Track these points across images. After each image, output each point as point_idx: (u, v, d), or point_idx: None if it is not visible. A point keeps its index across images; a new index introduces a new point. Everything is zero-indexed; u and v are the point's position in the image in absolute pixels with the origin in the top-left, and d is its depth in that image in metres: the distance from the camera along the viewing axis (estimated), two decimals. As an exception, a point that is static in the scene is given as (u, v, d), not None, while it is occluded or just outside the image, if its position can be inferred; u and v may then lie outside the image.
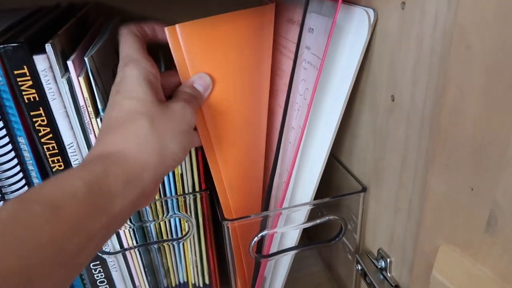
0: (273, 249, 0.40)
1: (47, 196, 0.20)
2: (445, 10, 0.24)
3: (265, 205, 0.38)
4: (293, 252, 0.40)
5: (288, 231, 0.39)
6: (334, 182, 0.44)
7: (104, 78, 0.33)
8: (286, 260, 0.42)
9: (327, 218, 0.38)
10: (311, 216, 0.38)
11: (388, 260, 0.36)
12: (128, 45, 0.30)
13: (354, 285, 0.44)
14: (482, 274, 0.24)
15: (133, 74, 0.28)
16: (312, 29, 0.35)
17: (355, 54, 0.33)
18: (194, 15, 0.51)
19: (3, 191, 0.34)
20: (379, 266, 0.37)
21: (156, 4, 0.51)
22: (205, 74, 0.32)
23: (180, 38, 0.29)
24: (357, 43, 0.32)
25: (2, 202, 0.34)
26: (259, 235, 0.36)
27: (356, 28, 0.32)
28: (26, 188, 0.35)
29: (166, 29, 0.29)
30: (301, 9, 0.37)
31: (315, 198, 0.38)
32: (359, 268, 0.39)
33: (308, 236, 0.53)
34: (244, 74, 0.35)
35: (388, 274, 0.36)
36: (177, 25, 0.29)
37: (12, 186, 0.34)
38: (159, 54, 0.45)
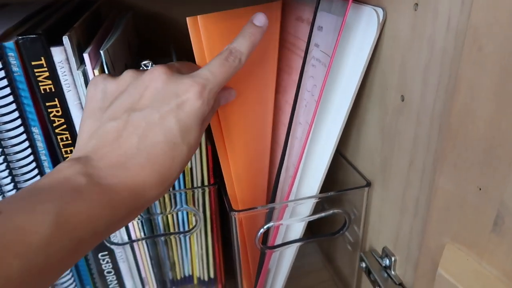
0: (278, 242, 0.41)
1: (77, 231, 0.21)
2: (458, 11, 0.24)
3: (272, 198, 0.39)
4: (297, 245, 0.41)
5: (293, 223, 0.40)
6: (339, 178, 0.44)
7: (118, 71, 0.34)
8: (290, 253, 0.42)
9: (331, 211, 0.39)
10: (315, 211, 0.39)
11: (393, 259, 0.36)
12: (226, 70, 0.27)
13: (355, 282, 0.45)
14: (488, 273, 0.24)
15: (199, 113, 0.26)
16: (321, 27, 0.36)
17: (364, 52, 0.33)
18: (204, 11, 0.51)
19: (16, 180, 0.35)
20: (384, 264, 0.38)
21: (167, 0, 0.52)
22: (235, 93, 0.33)
23: (200, 28, 0.30)
24: (365, 42, 0.33)
25: (14, 190, 0.35)
26: (265, 227, 0.37)
27: (365, 26, 0.33)
28: (38, 177, 0.35)
29: (188, 19, 0.29)
30: (310, 7, 0.38)
31: (320, 193, 0.38)
32: (364, 265, 0.40)
33: (311, 232, 0.54)
34: (252, 68, 0.35)
35: (392, 272, 0.37)
36: (198, 16, 0.29)
37: (25, 175, 0.34)
38: (171, 48, 0.46)
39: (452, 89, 0.25)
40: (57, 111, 0.32)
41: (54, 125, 0.33)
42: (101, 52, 0.30)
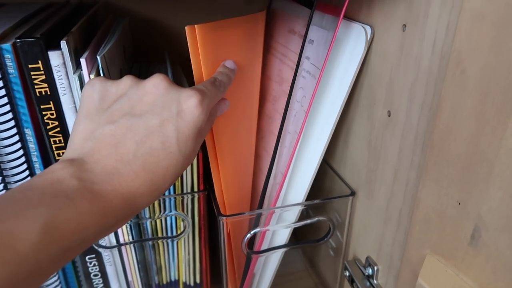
0: (264, 247, 0.42)
1: (65, 239, 0.21)
2: (443, 35, 0.26)
3: (260, 204, 0.40)
4: (282, 250, 0.42)
5: (279, 229, 0.41)
6: (325, 187, 0.46)
7: (113, 76, 0.34)
8: (275, 259, 0.43)
9: (316, 219, 0.40)
10: (301, 218, 0.40)
11: (376, 268, 0.37)
12: (216, 90, 0.29)
13: (337, 289, 0.46)
14: (464, 284, 0.26)
15: (197, 123, 0.26)
16: (312, 40, 0.37)
17: (352, 67, 0.35)
18: (200, 18, 0.52)
19: (6, 180, 0.35)
20: (366, 273, 0.39)
21: (163, 6, 0.52)
22: (229, 102, 0.34)
23: (197, 37, 0.31)
24: (353, 57, 0.34)
25: (4, 190, 0.35)
26: (252, 232, 0.38)
27: (353, 43, 0.34)
28: (29, 178, 0.35)
29: (186, 28, 0.30)
30: (302, 20, 0.39)
31: (306, 200, 0.40)
32: (347, 274, 0.41)
33: (296, 239, 0.55)
34: (237, 77, 0.36)
35: (375, 281, 0.38)
36: (196, 26, 0.30)
37: (15, 176, 0.35)
38: (165, 54, 0.46)
39: (435, 108, 0.27)
40: (52, 114, 0.32)
41: (48, 127, 0.33)
42: (98, 57, 0.31)
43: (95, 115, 0.26)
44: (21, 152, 0.34)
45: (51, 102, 0.32)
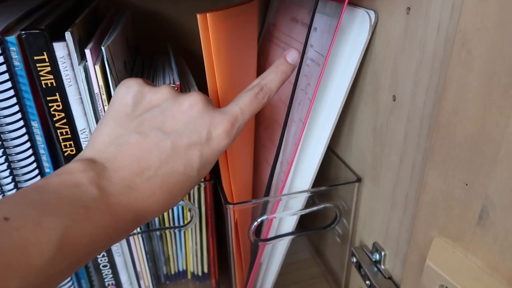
0: (271, 235, 0.42)
1: (77, 253, 0.21)
2: (448, 16, 0.26)
3: (266, 192, 0.40)
4: (289, 238, 0.42)
5: (286, 216, 0.41)
6: (331, 175, 0.46)
7: (117, 67, 0.35)
8: (282, 247, 0.44)
9: (323, 206, 0.40)
10: (307, 206, 0.40)
11: (383, 253, 0.38)
12: (254, 107, 0.28)
13: (345, 276, 0.46)
14: (472, 264, 0.26)
15: (222, 150, 0.26)
16: (316, 28, 0.37)
17: (356, 53, 0.35)
18: (201, 7, 0.52)
19: (15, 173, 0.35)
20: (374, 259, 0.39)
21: (164, -2, 0.52)
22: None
23: (209, 25, 0.31)
24: (358, 43, 0.34)
25: (12, 183, 0.35)
26: (260, 219, 0.38)
27: (357, 28, 0.34)
28: (36, 172, 0.36)
29: (198, 16, 0.30)
30: (304, 8, 0.39)
31: (312, 188, 0.40)
32: (354, 260, 0.41)
33: (301, 227, 0.55)
34: (240, 65, 0.36)
35: (382, 266, 0.38)
36: (208, 14, 0.30)
37: (23, 169, 0.35)
38: (168, 46, 0.46)
39: (441, 90, 0.27)
40: (58, 106, 0.33)
41: (54, 119, 0.33)
42: (103, 48, 0.31)
43: (124, 119, 0.26)
44: (28, 144, 0.34)
45: (57, 94, 0.32)
